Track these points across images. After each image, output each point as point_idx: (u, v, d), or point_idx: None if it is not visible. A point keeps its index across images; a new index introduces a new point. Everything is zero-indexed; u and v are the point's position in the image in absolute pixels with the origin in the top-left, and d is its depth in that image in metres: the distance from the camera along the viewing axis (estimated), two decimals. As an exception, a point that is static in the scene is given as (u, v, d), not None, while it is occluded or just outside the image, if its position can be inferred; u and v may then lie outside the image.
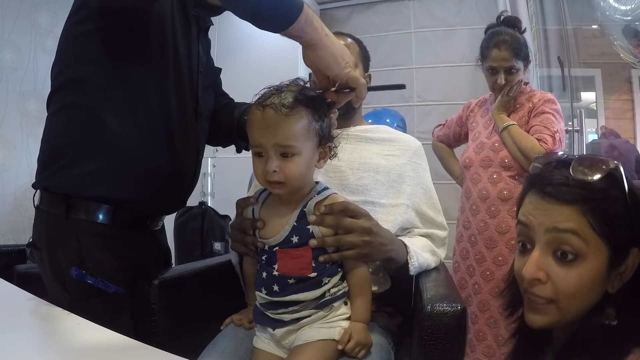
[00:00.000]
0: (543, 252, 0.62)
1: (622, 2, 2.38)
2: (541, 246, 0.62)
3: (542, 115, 1.59)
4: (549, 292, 0.61)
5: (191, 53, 1.02)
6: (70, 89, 0.92)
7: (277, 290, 0.82)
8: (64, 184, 0.90)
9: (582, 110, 2.80)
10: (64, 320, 0.73)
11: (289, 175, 0.80)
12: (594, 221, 0.59)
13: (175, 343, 0.84)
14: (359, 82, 0.84)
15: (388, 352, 0.91)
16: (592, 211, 0.59)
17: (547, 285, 0.62)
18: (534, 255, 0.63)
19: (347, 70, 0.83)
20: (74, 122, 0.91)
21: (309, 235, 0.83)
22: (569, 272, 0.60)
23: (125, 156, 0.92)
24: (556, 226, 0.60)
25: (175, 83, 0.97)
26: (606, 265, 0.60)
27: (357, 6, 3.29)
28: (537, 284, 0.62)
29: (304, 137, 0.80)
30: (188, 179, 1.06)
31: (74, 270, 0.86)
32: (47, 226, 0.93)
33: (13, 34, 2.71)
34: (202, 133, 1.08)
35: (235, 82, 1.39)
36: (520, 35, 1.67)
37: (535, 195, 0.64)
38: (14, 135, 2.72)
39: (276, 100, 0.79)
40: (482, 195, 1.68)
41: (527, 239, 0.65)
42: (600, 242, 0.59)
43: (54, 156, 0.91)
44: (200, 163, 1.11)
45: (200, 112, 1.06)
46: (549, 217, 0.61)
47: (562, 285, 0.60)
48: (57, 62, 0.95)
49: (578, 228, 0.59)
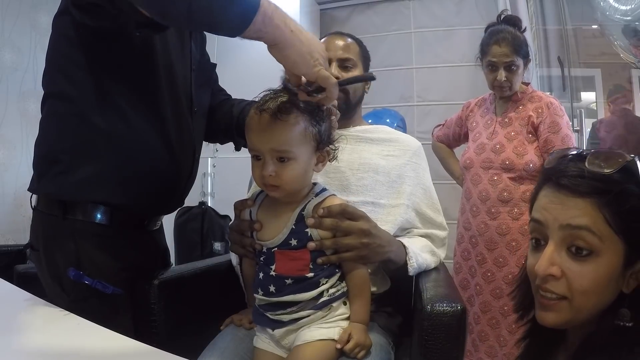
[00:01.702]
0: (557, 248, 0.61)
1: (622, 2, 2.38)
2: (555, 242, 0.61)
3: (561, 132, 1.59)
4: (563, 289, 0.60)
5: (184, 52, 1.02)
6: (60, 94, 0.91)
7: (273, 291, 0.82)
8: (60, 191, 0.89)
9: (582, 110, 2.80)
10: (64, 321, 0.73)
11: (285, 180, 0.80)
12: (609, 215, 0.58)
13: (175, 343, 0.83)
14: (329, 82, 0.77)
15: (388, 352, 0.91)
16: (608, 205, 0.58)
17: (561, 281, 0.60)
18: (548, 250, 0.61)
19: (317, 69, 0.76)
20: (66, 127, 0.90)
21: (307, 238, 0.83)
22: (583, 267, 0.59)
23: (119, 159, 0.91)
24: (570, 223, 0.59)
25: (167, 82, 0.96)
26: (622, 262, 0.59)
27: (357, 6, 3.29)
28: (551, 280, 0.61)
29: (300, 142, 0.81)
30: (185, 177, 1.06)
31: (72, 271, 0.86)
32: (44, 227, 0.93)
33: (13, 34, 2.71)
34: (197, 131, 1.08)
35: (235, 81, 1.39)
36: (520, 34, 1.67)
37: (551, 189, 0.63)
38: (14, 135, 2.71)
39: (273, 105, 0.79)
40: (482, 196, 1.68)
41: (540, 236, 0.64)
42: (616, 238, 0.58)
43: (49, 162, 0.91)
44: (198, 161, 1.10)
45: (195, 110, 1.05)
46: (564, 212, 0.60)
47: (577, 281, 0.59)
48: (48, 66, 0.94)
49: (593, 224, 0.58)
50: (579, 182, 0.60)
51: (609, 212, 0.58)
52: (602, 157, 0.61)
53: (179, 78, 1.00)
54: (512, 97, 1.71)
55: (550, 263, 0.60)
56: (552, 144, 1.59)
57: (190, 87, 1.04)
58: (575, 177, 0.61)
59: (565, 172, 0.62)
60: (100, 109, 0.89)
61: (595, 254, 0.58)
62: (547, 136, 1.60)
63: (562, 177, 0.62)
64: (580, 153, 0.64)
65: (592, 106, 3.88)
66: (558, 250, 0.61)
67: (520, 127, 1.66)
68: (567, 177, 0.61)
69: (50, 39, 0.94)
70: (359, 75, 1.13)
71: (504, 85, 1.65)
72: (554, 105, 1.64)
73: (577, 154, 0.64)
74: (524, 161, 1.61)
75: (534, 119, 1.63)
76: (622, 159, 0.60)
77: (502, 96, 1.72)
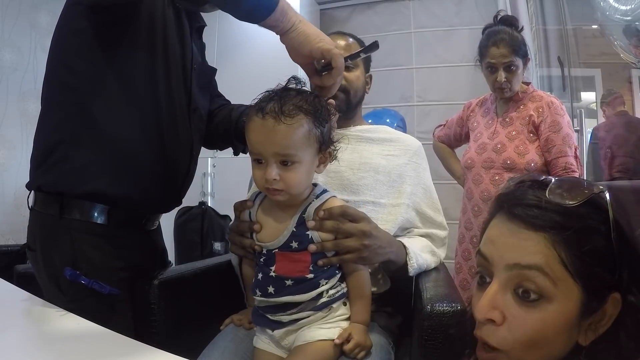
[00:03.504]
0: (501, 288, 0.51)
1: (622, 2, 2.38)
2: (500, 281, 0.52)
3: (562, 132, 1.59)
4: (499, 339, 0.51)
5: (184, 49, 1.02)
6: (62, 86, 0.92)
7: (272, 292, 0.82)
8: (56, 181, 0.90)
9: (582, 110, 2.81)
10: (64, 320, 0.73)
11: (289, 184, 0.79)
12: (565, 256, 0.48)
13: (175, 343, 0.84)
14: (333, 53, 0.85)
15: (388, 352, 0.91)
16: (566, 242, 0.49)
17: (501, 329, 0.50)
18: (490, 290, 0.52)
19: (321, 44, 0.85)
20: (65, 118, 0.91)
21: (308, 241, 0.82)
22: (529, 314, 0.49)
23: (116, 150, 0.91)
24: (519, 262, 0.50)
25: (166, 78, 0.97)
26: (577, 312, 0.49)
27: (357, 6, 3.29)
28: (488, 326, 0.52)
29: (304, 145, 0.79)
30: (181, 175, 1.06)
31: (68, 271, 0.86)
32: (41, 227, 0.93)
33: (13, 34, 2.71)
34: (195, 129, 1.07)
35: (235, 82, 1.39)
36: (518, 34, 1.67)
37: (502, 218, 0.54)
38: (14, 135, 2.71)
39: (276, 108, 0.77)
40: (484, 196, 1.68)
41: (486, 272, 0.55)
42: (572, 282, 0.48)
43: (46, 153, 0.91)
44: (195, 160, 1.10)
45: (194, 109, 1.05)
46: (513, 249, 0.51)
47: (519, 330, 0.49)
48: (50, 59, 0.95)
49: (545, 264, 0.49)
50: (535, 213, 0.51)
51: (566, 252, 0.49)
52: (566, 186, 0.52)
53: (179, 75, 1.00)
54: (513, 97, 1.71)
55: (491, 305, 0.51)
56: (553, 143, 1.59)
57: (190, 85, 1.04)
58: (530, 207, 0.51)
59: (520, 200, 0.53)
60: (100, 98, 0.90)
61: (545, 300, 0.49)
62: (548, 135, 1.60)
63: (516, 206, 0.53)
64: (543, 180, 0.55)
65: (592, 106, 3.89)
66: (502, 292, 0.51)
67: (521, 127, 1.66)
68: (522, 206, 0.52)
69: (55, 29, 0.95)
70: (362, 48, 1.13)
71: (505, 86, 1.65)
72: (555, 105, 1.64)
73: (539, 180, 0.55)
74: (525, 160, 1.61)
75: (534, 118, 1.63)
76: (589, 191, 0.51)
77: (503, 97, 1.72)
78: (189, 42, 1.04)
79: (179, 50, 1.00)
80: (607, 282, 0.49)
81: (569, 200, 0.51)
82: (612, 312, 0.50)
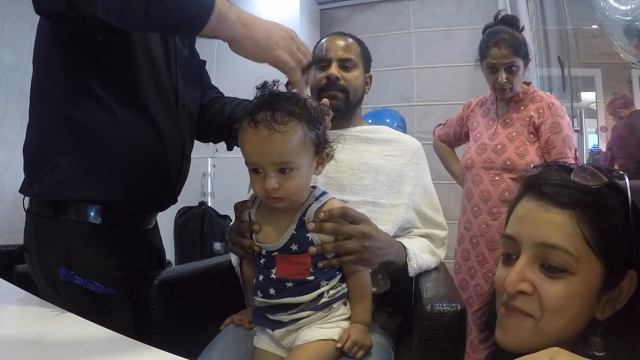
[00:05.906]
0: (529, 262, 0.56)
1: (622, 2, 2.39)
2: (527, 256, 0.56)
3: (562, 133, 1.59)
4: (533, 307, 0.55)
5: (167, 45, 1.01)
6: (45, 95, 0.91)
7: (273, 294, 0.82)
8: (49, 191, 0.89)
9: (582, 110, 2.81)
10: (64, 320, 0.73)
11: (289, 191, 0.78)
12: (589, 233, 0.53)
13: (175, 343, 0.83)
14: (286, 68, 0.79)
15: (388, 352, 0.91)
16: (589, 220, 0.54)
17: (532, 298, 0.55)
18: (519, 264, 0.56)
19: (275, 52, 0.78)
20: (52, 127, 0.90)
21: (308, 243, 0.82)
22: (555, 285, 0.54)
23: (106, 153, 0.91)
24: (544, 241, 0.55)
25: (150, 77, 0.96)
26: (598, 285, 0.54)
27: (357, 6, 3.29)
28: (520, 298, 0.56)
29: (301, 150, 0.78)
30: (174, 173, 1.05)
31: (62, 271, 0.85)
32: (36, 228, 0.92)
33: (13, 34, 2.71)
34: (185, 126, 1.06)
35: (234, 82, 1.39)
36: (519, 34, 1.67)
37: (531, 198, 0.59)
38: (14, 135, 2.71)
39: (268, 116, 0.74)
40: (483, 197, 1.68)
41: (513, 251, 0.60)
42: (594, 258, 0.54)
43: (38, 164, 0.91)
44: (188, 157, 1.09)
45: (182, 105, 1.04)
46: (540, 228, 0.56)
47: (548, 298, 0.54)
48: (33, 69, 0.94)
49: (569, 244, 0.54)
50: (562, 191, 0.56)
51: (589, 229, 0.54)
52: (590, 170, 0.57)
53: (164, 72, 0.99)
54: (514, 98, 1.70)
55: (521, 278, 0.56)
56: (553, 144, 1.59)
57: (175, 81, 1.03)
58: (558, 186, 0.57)
59: (549, 180, 0.58)
60: (84, 105, 0.89)
61: (569, 273, 0.54)
62: (548, 137, 1.60)
63: (544, 185, 0.58)
64: (567, 165, 0.60)
65: (592, 106, 3.89)
66: (530, 265, 0.56)
67: (521, 128, 1.66)
68: (550, 185, 0.57)
69: (35, 39, 0.94)
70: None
71: (505, 87, 1.65)
72: (555, 106, 1.63)
73: (563, 165, 0.61)
74: (525, 161, 1.61)
75: (535, 119, 1.63)
76: (610, 175, 0.57)
77: (504, 98, 1.72)
78: (172, 38, 1.03)
79: (161, 47, 0.99)
80: (625, 259, 0.54)
81: (593, 182, 0.56)
82: (629, 289, 0.55)
